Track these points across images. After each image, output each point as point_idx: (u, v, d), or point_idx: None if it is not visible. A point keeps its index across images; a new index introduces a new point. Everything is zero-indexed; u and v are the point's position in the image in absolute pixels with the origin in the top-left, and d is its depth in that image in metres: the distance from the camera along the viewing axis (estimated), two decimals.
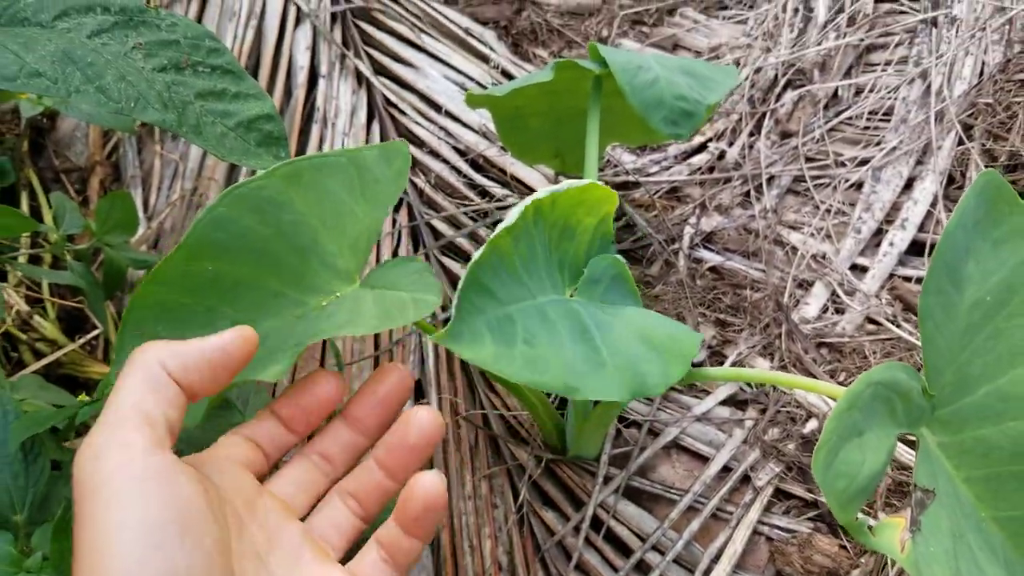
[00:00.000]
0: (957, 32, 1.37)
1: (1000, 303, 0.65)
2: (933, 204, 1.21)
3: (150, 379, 0.45)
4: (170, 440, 0.44)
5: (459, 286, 0.61)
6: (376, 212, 0.72)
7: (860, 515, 0.57)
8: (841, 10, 1.46)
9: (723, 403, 1.04)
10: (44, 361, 1.13)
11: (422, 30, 1.47)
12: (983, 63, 1.33)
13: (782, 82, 1.39)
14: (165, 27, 0.91)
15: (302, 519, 0.53)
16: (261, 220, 0.65)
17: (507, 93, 0.99)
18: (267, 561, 0.47)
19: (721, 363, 1.07)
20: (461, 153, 1.32)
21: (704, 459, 0.99)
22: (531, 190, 1.27)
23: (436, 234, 1.23)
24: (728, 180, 1.29)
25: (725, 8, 1.58)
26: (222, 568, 0.42)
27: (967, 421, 0.66)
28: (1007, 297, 0.65)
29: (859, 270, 1.19)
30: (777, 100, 1.38)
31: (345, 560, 0.53)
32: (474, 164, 1.31)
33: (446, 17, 1.49)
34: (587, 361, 0.64)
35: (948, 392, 0.65)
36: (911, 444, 0.97)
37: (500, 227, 0.66)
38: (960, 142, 1.26)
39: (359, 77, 1.41)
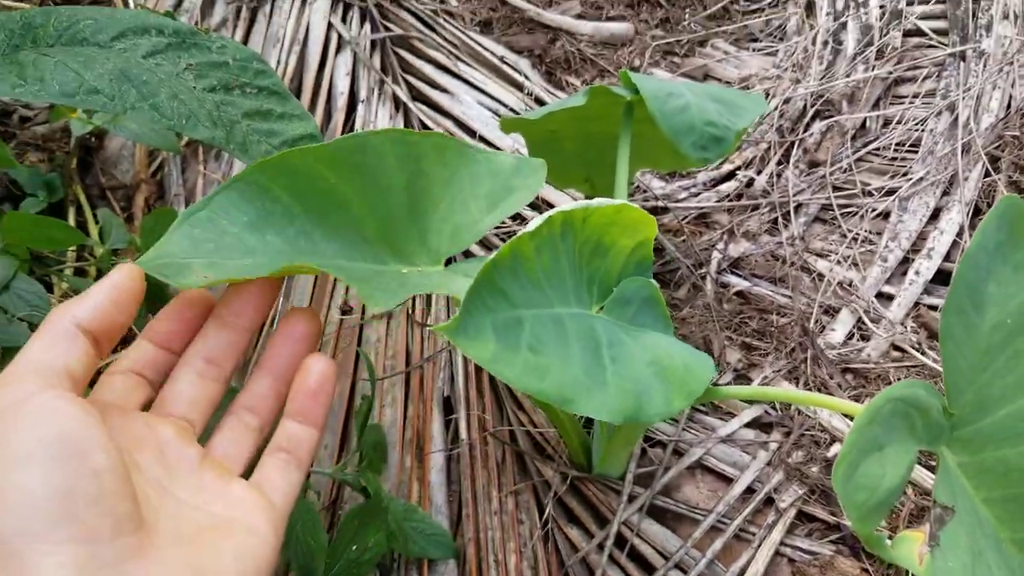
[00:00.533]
0: (985, 66, 1.39)
1: (1021, 326, 0.67)
2: (959, 234, 1.22)
3: (57, 334, 0.46)
4: (71, 384, 0.45)
5: (471, 283, 0.61)
6: (491, 215, 0.73)
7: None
8: (870, 43, 1.49)
9: (748, 425, 1.05)
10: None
11: (459, 58, 1.52)
12: (1010, 96, 1.34)
13: (811, 112, 1.42)
14: (215, 49, 0.96)
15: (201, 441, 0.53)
16: (402, 168, 0.67)
17: (540, 118, 1.02)
18: (169, 488, 0.48)
19: (747, 386, 1.08)
20: None
21: (728, 480, 1.00)
22: None
23: (467, 254, 1.26)
24: (756, 207, 1.31)
25: (756, 40, 1.60)
26: (116, 492, 0.42)
27: (987, 441, 0.67)
28: None
29: (885, 298, 1.20)
30: (806, 130, 1.40)
31: (248, 474, 0.54)
32: None
33: (482, 46, 1.53)
34: (590, 377, 0.65)
35: (968, 412, 0.66)
36: (932, 468, 0.98)
37: (522, 232, 0.68)
38: (987, 174, 1.27)
39: (397, 102, 1.45)
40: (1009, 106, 1.33)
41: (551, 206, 1.31)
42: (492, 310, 0.64)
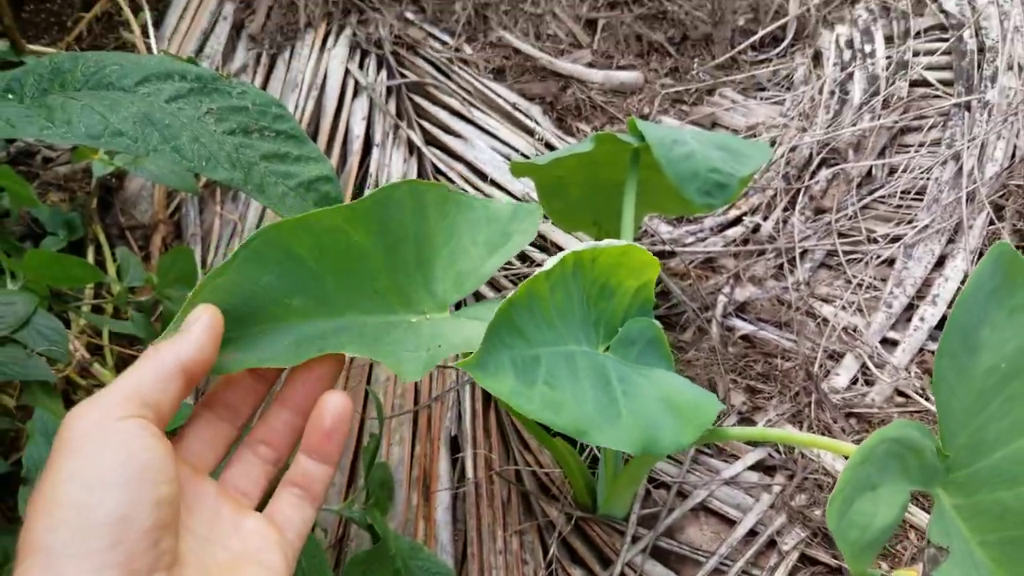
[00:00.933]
0: (989, 116, 1.41)
1: (1016, 370, 0.68)
2: (964, 281, 1.24)
3: (161, 371, 0.48)
4: (156, 418, 0.46)
5: (491, 321, 0.64)
6: (491, 260, 0.76)
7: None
8: (876, 93, 1.52)
9: (752, 468, 1.06)
10: None
11: (472, 104, 1.55)
12: (1015, 147, 1.36)
13: (817, 160, 1.44)
14: (236, 95, 0.99)
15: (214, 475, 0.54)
16: (414, 219, 0.69)
17: (548, 163, 1.04)
18: (188, 523, 0.48)
19: (751, 427, 1.09)
20: None
21: (731, 522, 1.01)
22: None
23: (478, 296, 1.28)
24: (762, 252, 1.33)
25: (763, 90, 1.64)
26: (167, 525, 0.43)
27: (982, 484, 0.68)
28: (1019, 369, 0.68)
29: (889, 344, 1.21)
30: (812, 177, 1.43)
31: (262, 507, 0.55)
32: None
33: (495, 92, 1.57)
34: (603, 411, 0.68)
35: (963, 454, 0.67)
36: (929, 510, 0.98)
37: (538, 271, 0.71)
38: (991, 222, 1.28)
39: (411, 146, 1.49)
40: (1013, 156, 1.35)
41: (560, 249, 1.33)
42: (510, 347, 0.66)
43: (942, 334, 0.64)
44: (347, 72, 1.60)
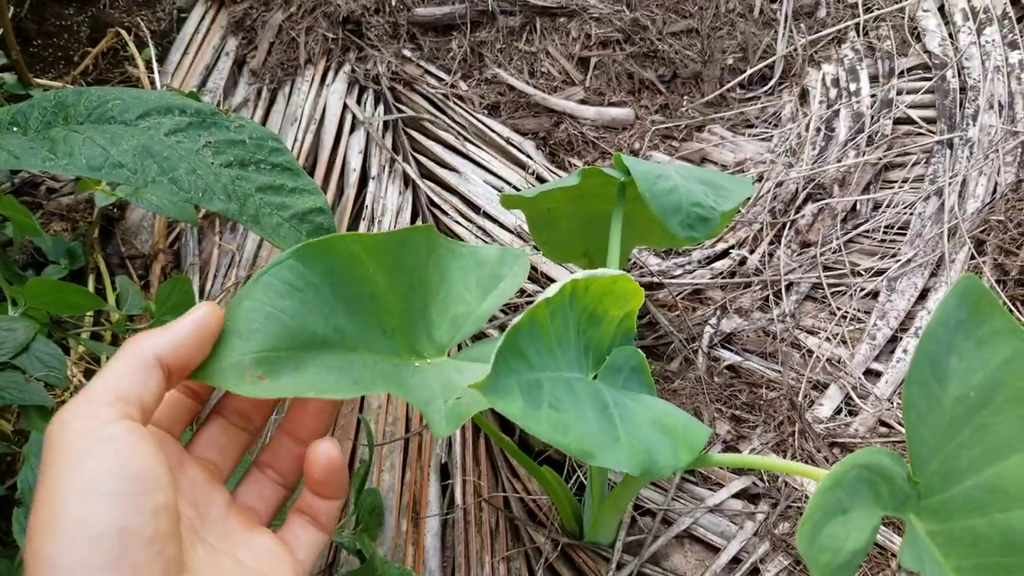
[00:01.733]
0: (971, 153, 1.45)
1: (984, 400, 0.70)
2: None
3: (135, 364, 0.46)
4: (141, 415, 0.45)
5: (498, 346, 0.66)
6: (485, 303, 0.79)
7: None
8: (861, 130, 1.55)
9: (736, 496, 1.08)
10: None
11: (467, 139, 1.59)
12: (996, 183, 1.39)
13: (802, 195, 1.47)
14: (233, 128, 1.02)
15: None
16: (426, 261, 0.72)
17: (536, 195, 1.07)
18: (199, 531, 0.48)
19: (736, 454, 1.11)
20: None
21: (716, 549, 1.02)
22: None
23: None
24: (748, 285, 1.35)
25: (751, 126, 1.67)
26: (169, 534, 0.42)
27: (955, 511, 0.70)
28: (991, 394, 0.70)
29: (873, 375, 1.23)
30: (798, 212, 1.46)
31: (270, 525, 0.55)
32: None
33: (489, 128, 1.61)
34: (605, 433, 0.70)
35: (935, 481, 0.69)
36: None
37: (540, 298, 0.73)
38: (973, 256, 1.31)
39: (406, 180, 1.52)
40: (995, 192, 1.38)
41: (551, 280, 1.36)
42: (517, 372, 0.69)
43: (911, 362, 0.67)
44: (345, 107, 1.64)
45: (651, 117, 1.65)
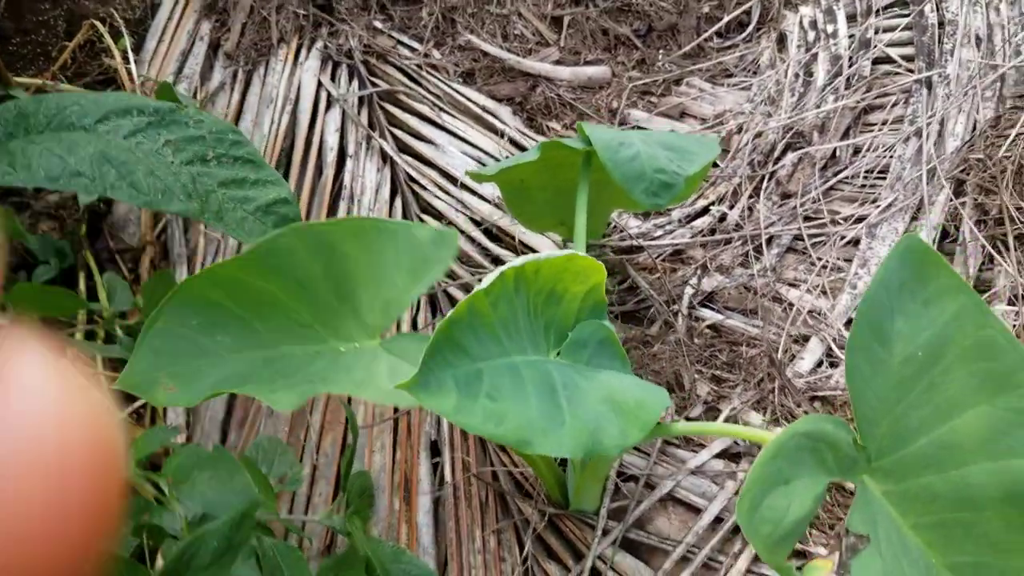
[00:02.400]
0: (950, 90, 1.42)
1: (934, 358, 0.70)
2: None
3: None
4: None
5: (429, 343, 0.68)
6: (414, 285, 0.81)
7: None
8: (839, 73, 1.53)
9: (717, 456, 1.09)
10: None
11: (442, 109, 1.58)
12: (975, 120, 1.37)
13: (782, 145, 1.46)
14: (193, 124, 1.03)
15: None
16: (316, 259, 0.75)
17: (498, 172, 1.07)
18: None
19: (715, 417, 1.12)
20: (476, 223, 1.41)
21: (698, 511, 1.04)
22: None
23: (452, 300, 1.32)
24: (729, 241, 1.35)
25: (730, 76, 1.65)
26: None
27: (909, 470, 0.71)
28: (940, 352, 0.70)
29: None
30: (777, 162, 1.45)
31: None
32: (488, 233, 1.40)
33: (465, 96, 1.60)
34: (547, 418, 0.71)
35: (886, 443, 0.70)
36: None
37: (476, 289, 0.74)
38: (952, 197, 1.30)
39: (383, 156, 1.52)
40: (974, 129, 1.37)
41: (530, 249, 1.36)
42: (453, 365, 0.70)
43: (851, 329, 0.67)
44: (320, 85, 1.63)
45: (628, 74, 1.63)
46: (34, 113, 1.00)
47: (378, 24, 1.70)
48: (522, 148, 1.53)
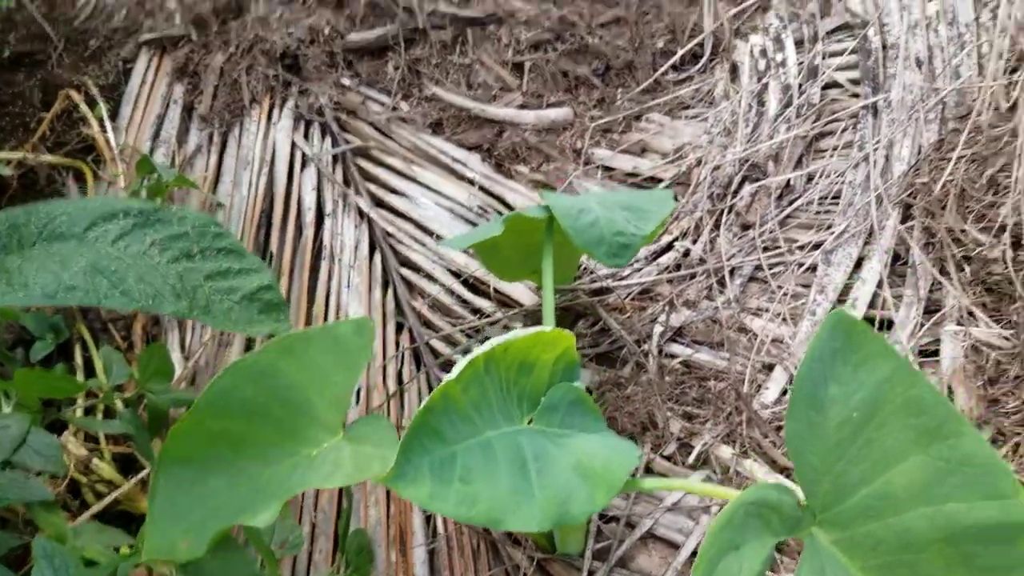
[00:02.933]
0: (895, 115, 1.49)
1: (868, 417, 0.77)
2: (880, 284, 1.32)
3: None
4: None
5: (406, 432, 0.76)
6: (350, 376, 0.89)
7: None
8: (789, 103, 1.60)
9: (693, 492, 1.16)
10: (103, 503, 1.30)
11: (413, 162, 1.65)
12: (920, 144, 1.44)
13: (739, 177, 1.53)
14: (176, 221, 1.09)
15: None
16: (258, 387, 0.83)
17: (464, 243, 1.14)
18: None
19: (689, 453, 1.19)
20: (455, 274, 1.48)
21: (676, 546, 1.11)
22: (516, 303, 1.41)
23: (435, 353, 1.38)
24: (694, 276, 1.42)
25: (688, 108, 1.72)
26: None
27: (853, 519, 0.78)
28: (874, 410, 0.77)
29: None
30: (735, 195, 1.51)
31: None
32: (465, 283, 1.47)
33: (435, 147, 1.66)
34: (517, 493, 0.78)
35: (829, 499, 0.77)
36: None
37: (447, 378, 0.82)
38: (903, 220, 1.37)
39: (360, 212, 1.58)
40: (919, 153, 1.44)
41: (506, 295, 1.43)
42: (428, 451, 0.78)
43: (790, 400, 0.74)
44: (294, 145, 1.69)
45: (590, 113, 1.70)
46: (25, 224, 1.06)
47: (346, 81, 1.76)
48: (492, 194, 1.59)
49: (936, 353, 1.23)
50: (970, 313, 1.23)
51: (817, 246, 1.41)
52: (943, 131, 1.44)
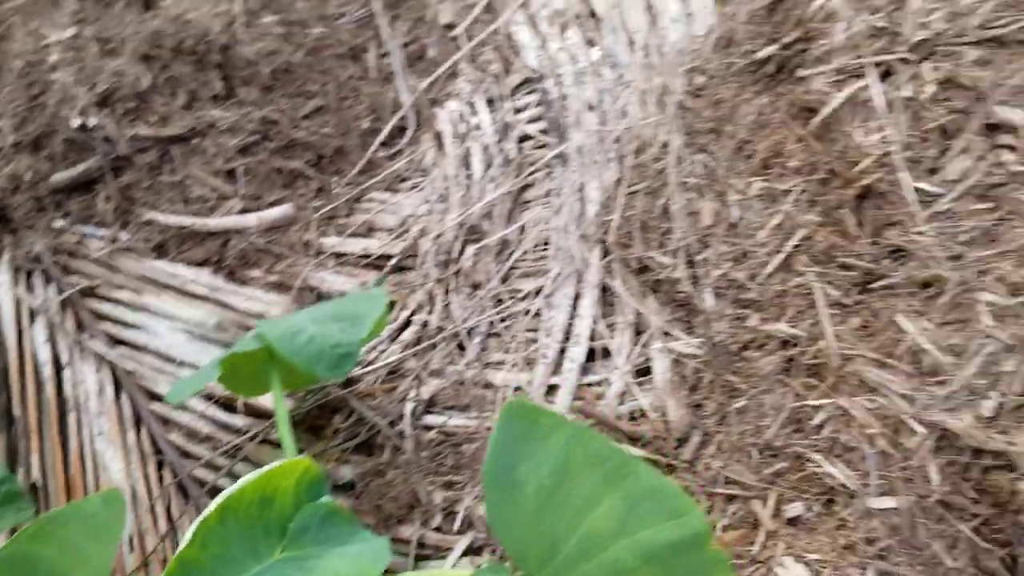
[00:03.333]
0: (582, 159, 1.66)
1: (560, 480, 0.89)
2: (595, 317, 1.47)
3: None
4: None
5: None
6: (105, 550, 0.91)
7: None
8: (491, 162, 1.73)
9: (464, 554, 1.25)
10: None
11: (143, 291, 1.64)
12: (604, 184, 1.61)
13: (460, 241, 1.64)
14: None
15: None
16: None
17: (194, 392, 1.18)
18: None
19: (453, 521, 1.28)
20: (207, 397, 1.49)
21: None
22: (270, 412, 1.45)
23: (201, 483, 1.40)
24: (435, 345, 1.51)
25: (405, 180, 1.81)
26: None
27: (568, 567, 0.89)
28: (563, 473, 0.89)
29: (554, 389, 1.43)
30: (461, 257, 1.62)
31: None
32: (217, 403, 1.49)
33: (162, 272, 1.66)
34: None
35: (543, 558, 0.88)
36: None
37: (181, 547, 0.86)
38: (603, 255, 1.53)
39: (98, 356, 1.56)
40: (605, 192, 1.60)
41: (259, 409, 1.46)
42: None
43: (484, 489, 0.83)
44: (18, 301, 1.64)
45: (311, 204, 1.76)
46: None
47: (59, 223, 1.73)
48: (228, 307, 1.62)
49: (649, 371, 1.39)
50: (666, 333, 1.39)
51: (539, 292, 1.54)
52: (622, 169, 1.61)
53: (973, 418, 1.05)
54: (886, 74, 1.30)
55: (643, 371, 1.40)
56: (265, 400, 1.47)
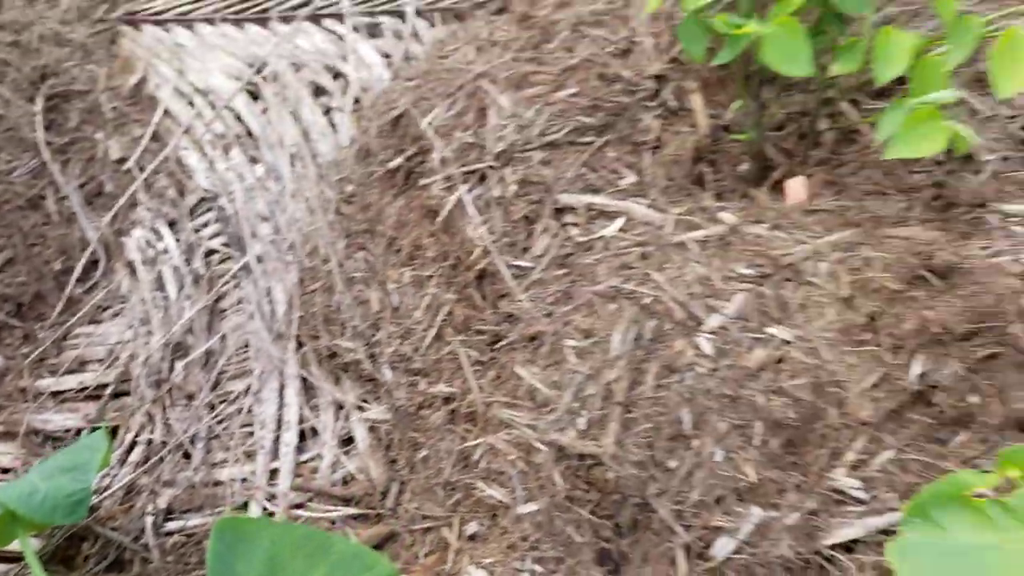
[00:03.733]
0: (264, 266, 1.92)
1: (274, 566, 1.16)
2: (300, 405, 1.75)
3: None
4: None
5: None
6: None
7: None
8: (183, 282, 1.95)
9: None
10: None
11: None
12: (287, 286, 1.89)
13: (169, 359, 1.85)
14: None
15: None
16: None
17: None
18: None
19: None
20: None
21: None
22: (19, 556, 1.59)
23: None
24: (163, 459, 1.72)
25: (108, 308, 1.98)
26: None
27: None
28: (274, 560, 1.17)
29: (276, 473, 1.69)
30: (172, 374, 1.83)
31: None
32: None
33: None
34: None
35: None
36: None
37: None
38: (298, 348, 1.81)
39: None
40: (289, 293, 1.88)
41: (4, 552, 1.60)
42: None
43: None
44: None
45: (20, 352, 1.88)
46: None
47: None
48: None
49: (352, 440, 1.70)
50: (359, 407, 1.71)
51: (247, 391, 1.79)
52: (300, 271, 1.90)
53: (575, 433, 1.45)
54: (482, 178, 1.68)
55: (347, 440, 1.70)
56: (16, 545, 1.61)
